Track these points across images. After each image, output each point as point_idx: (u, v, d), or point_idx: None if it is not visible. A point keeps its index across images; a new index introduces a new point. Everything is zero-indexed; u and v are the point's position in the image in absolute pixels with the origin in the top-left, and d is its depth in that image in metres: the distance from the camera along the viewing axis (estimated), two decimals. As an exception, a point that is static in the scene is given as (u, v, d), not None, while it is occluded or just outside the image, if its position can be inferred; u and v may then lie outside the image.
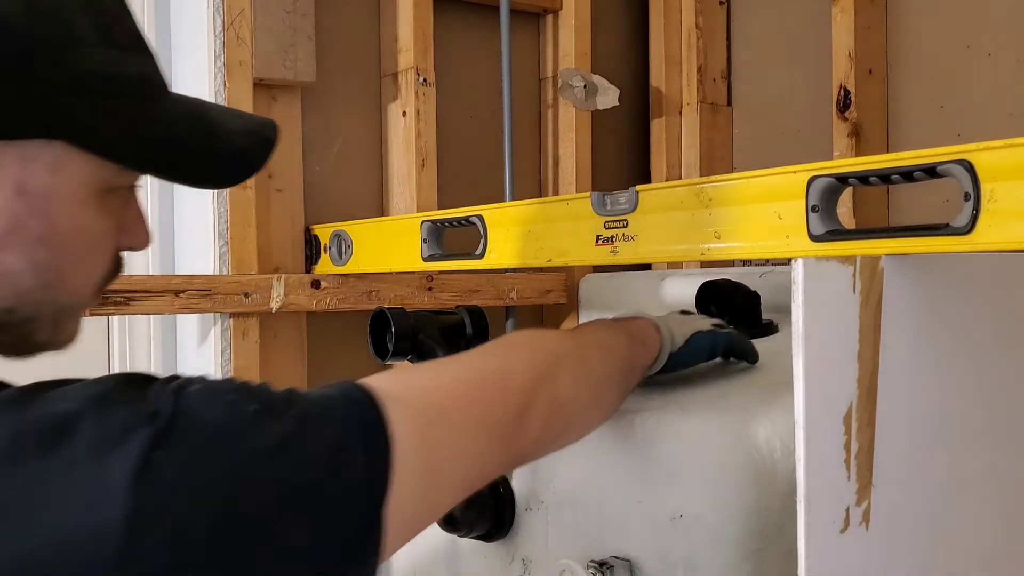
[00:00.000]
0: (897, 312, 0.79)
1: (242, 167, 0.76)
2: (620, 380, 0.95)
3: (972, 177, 0.71)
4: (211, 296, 1.51)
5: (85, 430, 0.56)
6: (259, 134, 0.77)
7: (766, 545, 0.92)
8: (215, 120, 0.74)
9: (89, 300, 0.73)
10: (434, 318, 1.14)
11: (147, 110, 0.68)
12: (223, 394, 0.61)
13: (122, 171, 0.69)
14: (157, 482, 0.55)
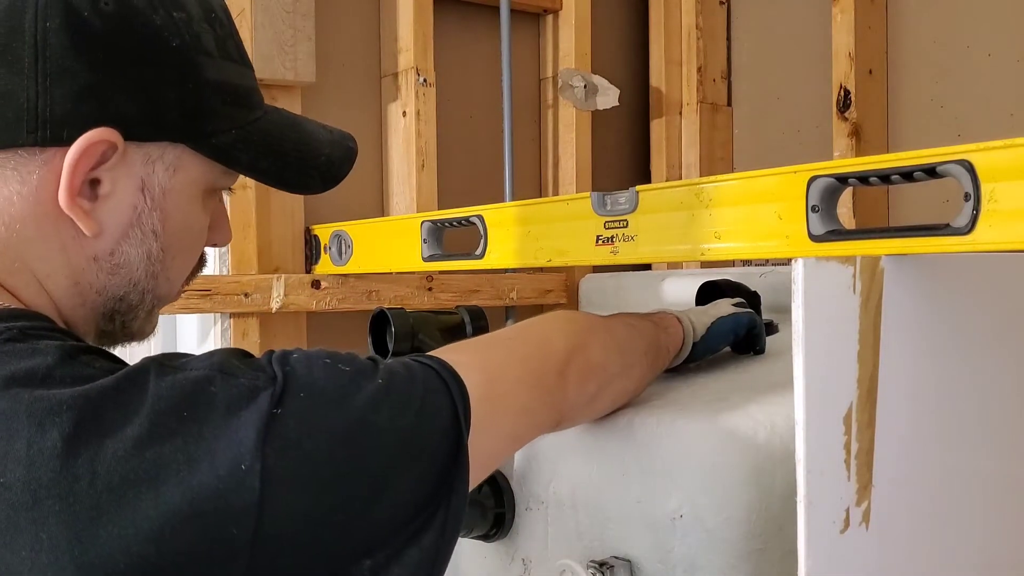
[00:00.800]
0: (897, 312, 0.79)
1: (331, 175, 0.82)
2: (647, 355, 1.00)
3: (972, 177, 0.71)
4: (211, 296, 1.51)
5: (219, 393, 0.61)
6: (344, 144, 0.84)
7: (766, 545, 0.92)
8: (308, 130, 0.81)
9: (178, 292, 0.79)
10: (434, 318, 1.14)
11: (251, 117, 0.75)
12: (320, 359, 0.67)
13: (226, 173, 0.75)
14: (282, 436, 0.61)
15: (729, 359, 1.23)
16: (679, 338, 1.06)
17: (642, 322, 1.03)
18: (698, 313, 1.11)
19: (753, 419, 0.97)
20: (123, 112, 0.66)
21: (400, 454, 0.67)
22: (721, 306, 1.14)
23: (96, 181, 0.67)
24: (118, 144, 0.66)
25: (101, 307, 0.72)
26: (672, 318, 1.07)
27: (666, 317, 1.07)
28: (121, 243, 0.70)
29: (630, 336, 0.99)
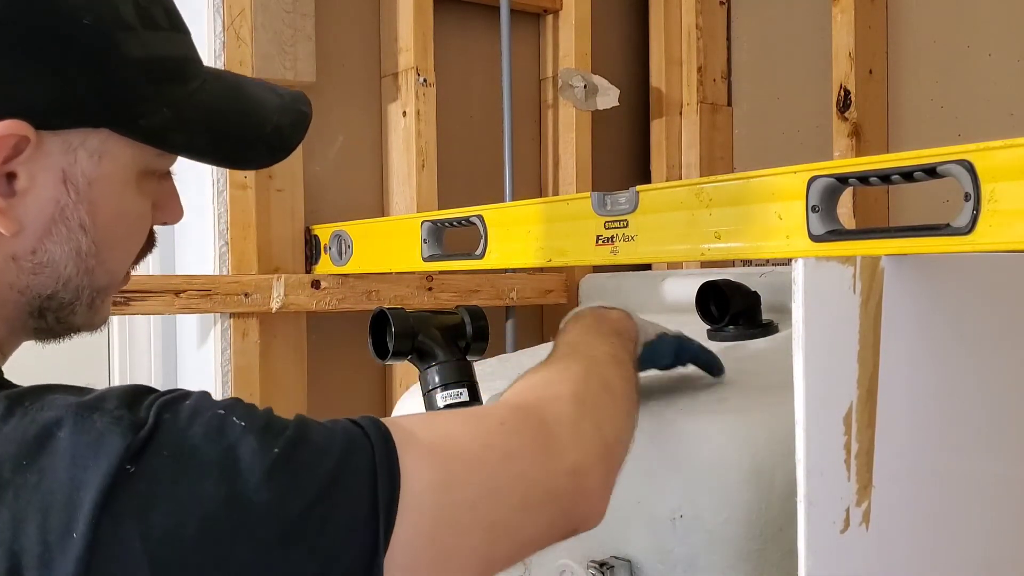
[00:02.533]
0: (897, 312, 0.79)
1: (280, 145, 0.75)
2: (634, 391, 0.88)
3: (972, 177, 0.71)
4: (211, 296, 1.51)
5: (64, 440, 0.54)
6: (295, 109, 0.76)
7: (766, 545, 0.92)
8: (252, 97, 0.73)
9: (124, 280, 0.72)
10: (434, 318, 1.13)
11: (187, 92, 0.67)
12: (212, 409, 0.58)
13: (161, 154, 0.68)
14: (127, 503, 0.52)
15: (728, 359, 1.23)
16: (634, 342, 0.95)
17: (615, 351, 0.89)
18: (645, 322, 1.01)
19: (753, 419, 0.97)
20: (32, 101, 0.60)
21: (280, 549, 0.55)
22: (666, 328, 1.04)
23: (12, 175, 0.61)
24: (30, 136, 0.60)
25: (26, 306, 0.67)
26: (627, 319, 0.96)
27: (622, 319, 0.96)
28: (44, 240, 0.64)
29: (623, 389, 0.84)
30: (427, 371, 1.11)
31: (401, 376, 1.76)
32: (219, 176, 1.56)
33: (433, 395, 1.11)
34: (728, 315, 1.32)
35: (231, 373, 1.56)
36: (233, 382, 1.56)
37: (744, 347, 1.28)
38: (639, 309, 1.18)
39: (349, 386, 1.77)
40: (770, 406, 0.99)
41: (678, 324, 1.49)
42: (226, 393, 1.56)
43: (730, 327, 1.32)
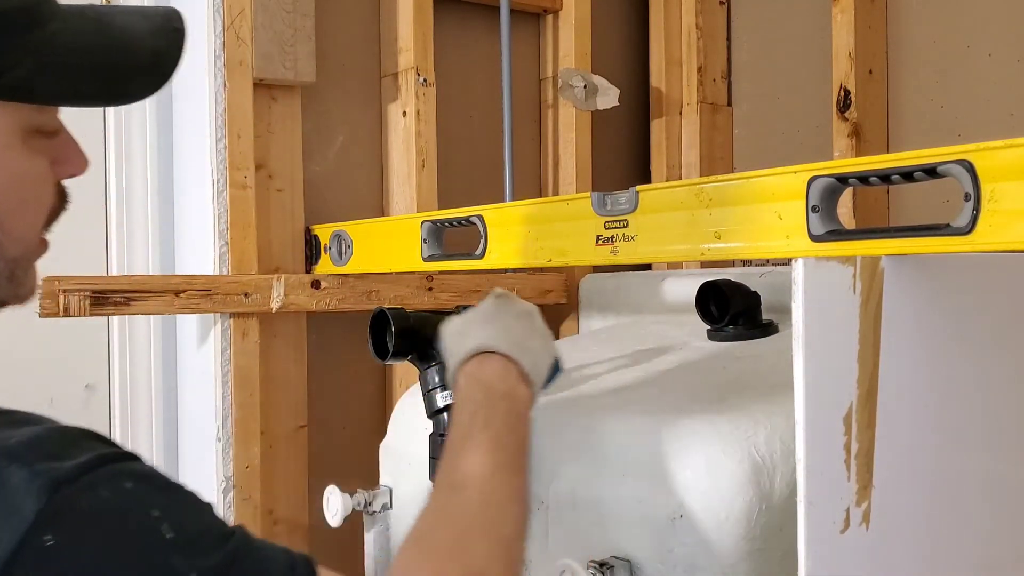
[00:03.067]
0: (897, 312, 0.79)
1: (160, 72, 0.70)
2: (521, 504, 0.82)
3: (972, 177, 0.71)
4: (211, 296, 1.51)
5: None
6: (168, 28, 0.71)
7: (766, 545, 0.92)
8: (118, 26, 0.69)
9: (39, 246, 0.69)
10: (434, 318, 1.14)
11: (46, 36, 0.63)
12: (147, 505, 0.55)
13: (40, 109, 0.65)
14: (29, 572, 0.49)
15: (728, 359, 1.23)
16: (529, 404, 0.90)
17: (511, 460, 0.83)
18: (540, 349, 0.95)
19: (753, 419, 0.97)
20: None
21: None
22: (548, 338, 0.98)
23: None
24: None
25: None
26: (523, 391, 0.89)
27: (516, 393, 0.88)
28: None
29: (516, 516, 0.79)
30: (427, 371, 1.11)
31: (401, 376, 1.76)
32: (219, 176, 1.56)
33: (433, 395, 1.11)
34: (728, 315, 1.32)
35: (231, 373, 1.56)
36: (233, 382, 1.56)
37: (744, 347, 1.28)
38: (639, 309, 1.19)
39: (349, 386, 1.77)
40: (770, 406, 0.99)
41: (678, 324, 1.49)
42: (227, 393, 1.56)
43: (730, 327, 1.32)
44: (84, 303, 1.39)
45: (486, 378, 0.89)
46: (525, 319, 0.97)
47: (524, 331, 0.94)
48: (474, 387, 0.89)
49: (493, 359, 0.90)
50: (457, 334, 0.95)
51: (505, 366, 0.89)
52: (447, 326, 0.97)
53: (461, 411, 0.87)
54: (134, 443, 1.71)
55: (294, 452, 1.66)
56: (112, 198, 1.70)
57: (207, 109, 1.56)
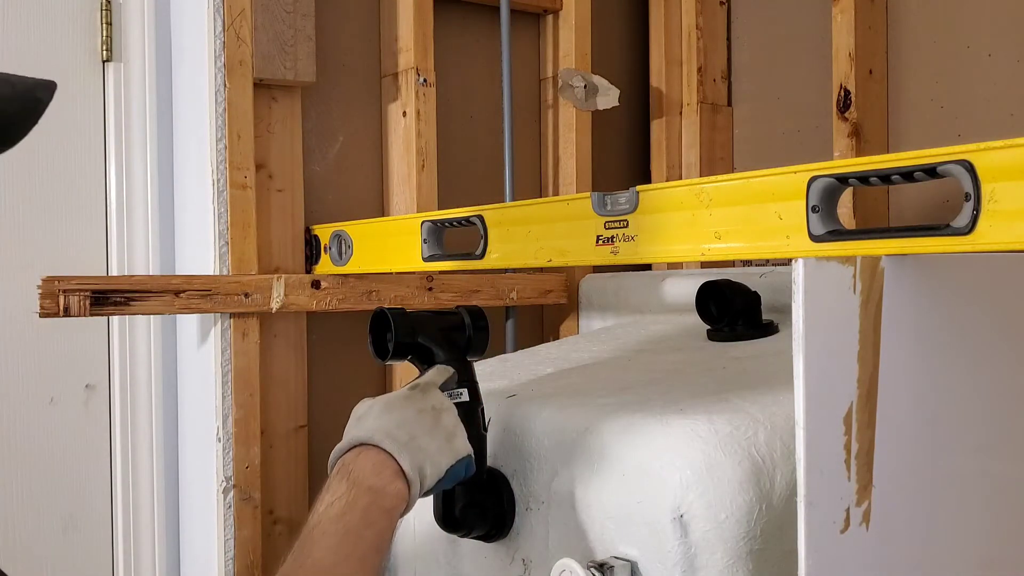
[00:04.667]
0: (897, 312, 0.79)
1: (3, 138, 0.71)
2: None
3: (972, 177, 0.71)
4: (211, 296, 1.51)
5: None
6: (27, 97, 0.71)
7: (766, 545, 0.92)
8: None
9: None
10: (434, 318, 1.14)
11: None
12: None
13: None
14: None
15: (728, 359, 1.23)
16: (402, 506, 0.92)
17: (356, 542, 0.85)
18: (440, 447, 0.97)
19: (753, 419, 0.97)
20: None
21: None
22: (459, 429, 1.00)
23: None
24: None
25: None
26: (397, 494, 0.91)
27: (381, 494, 0.90)
28: None
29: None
30: (427, 371, 1.11)
31: (401, 376, 1.76)
32: (219, 176, 1.57)
33: (433, 395, 1.11)
34: (728, 315, 1.32)
35: (231, 373, 1.56)
36: (233, 382, 1.56)
37: (744, 347, 1.28)
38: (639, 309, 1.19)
39: (349, 386, 1.77)
40: (770, 406, 0.99)
41: (678, 324, 1.49)
42: (227, 393, 1.56)
43: (730, 327, 1.32)
44: (84, 303, 1.39)
45: (357, 470, 0.91)
46: (429, 416, 0.98)
47: (422, 428, 0.96)
48: (341, 478, 0.90)
49: (371, 452, 0.92)
50: (355, 419, 0.98)
51: (382, 462, 0.91)
52: (355, 408, 1.00)
53: (320, 501, 0.89)
54: (134, 443, 1.71)
55: (294, 452, 1.66)
56: (112, 198, 1.70)
57: (207, 109, 1.56)
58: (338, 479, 0.90)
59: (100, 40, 1.68)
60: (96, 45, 1.68)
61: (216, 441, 1.56)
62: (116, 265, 1.70)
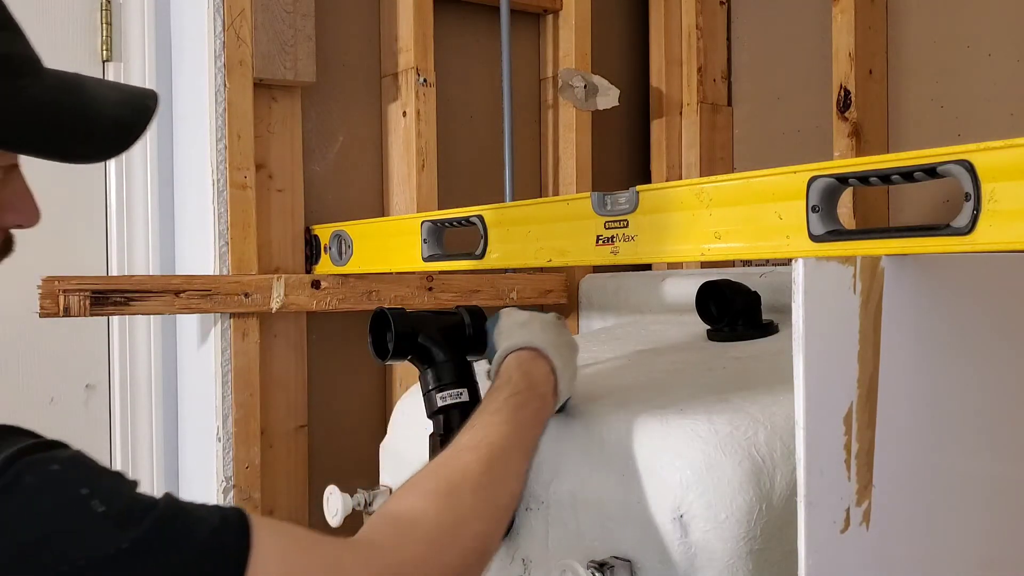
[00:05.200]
0: (897, 312, 0.79)
1: (119, 139, 0.74)
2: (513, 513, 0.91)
3: (972, 177, 0.71)
4: (211, 296, 1.51)
5: None
6: (139, 104, 0.75)
7: (766, 545, 0.92)
8: (90, 93, 0.73)
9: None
10: (434, 318, 1.14)
11: (16, 88, 0.67)
12: (74, 484, 0.58)
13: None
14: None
15: (728, 359, 1.23)
16: (550, 410, 0.98)
17: (518, 454, 0.90)
18: (572, 363, 1.03)
19: (753, 419, 0.97)
20: None
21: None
22: None
23: None
24: None
25: None
26: (549, 395, 0.97)
27: (543, 395, 0.96)
28: None
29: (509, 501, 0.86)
30: (427, 371, 1.11)
31: (401, 376, 1.76)
32: (219, 176, 1.57)
33: (433, 395, 1.11)
34: (728, 315, 1.32)
35: (231, 373, 1.56)
36: (233, 382, 1.56)
37: (744, 347, 1.28)
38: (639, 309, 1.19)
39: (349, 386, 1.77)
40: (770, 406, 0.99)
41: (678, 324, 1.49)
42: (227, 393, 1.56)
43: (730, 327, 1.32)
44: (84, 303, 1.39)
45: (534, 374, 0.97)
46: (572, 349, 1.04)
47: (568, 358, 1.02)
48: (522, 374, 0.97)
49: (542, 361, 0.99)
50: (517, 324, 1.03)
51: (549, 373, 0.98)
52: (508, 313, 1.06)
53: (502, 388, 0.95)
54: (134, 443, 1.71)
55: (294, 452, 1.66)
56: (112, 198, 1.70)
57: (207, 109, 1.56)
58: (519, 374, 0.97)
59: (100, 40, 1.68)
60: (96, 45, 1.68)
61: (216, 441, 1.56)
62: (116, 265, 1.70)
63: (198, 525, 0.61)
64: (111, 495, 0.59)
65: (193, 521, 0.62)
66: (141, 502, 0.60)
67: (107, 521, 0.57)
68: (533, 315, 1.06)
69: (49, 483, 0.57)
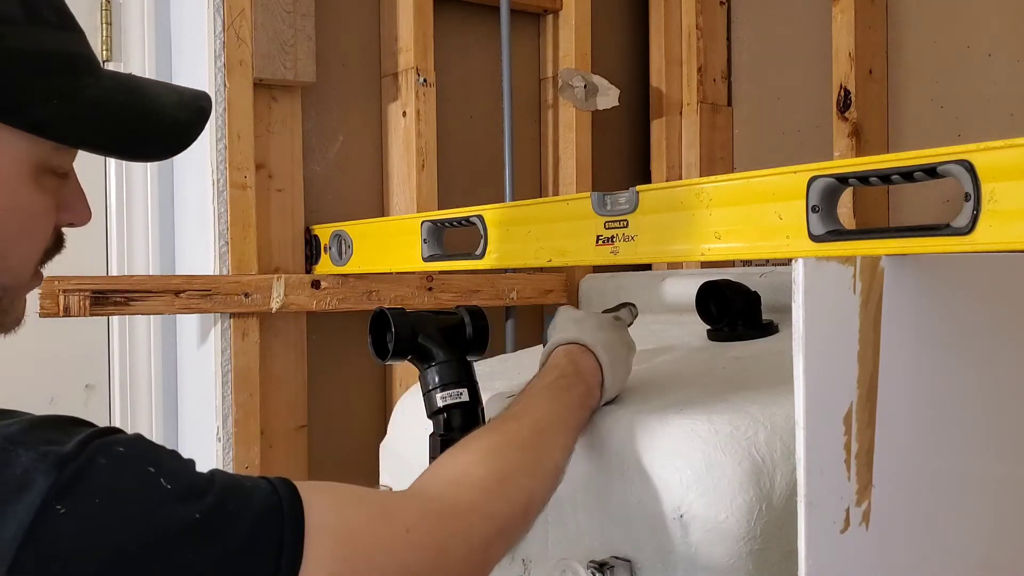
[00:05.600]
0: (897, 312, 0.79)
1: (177, 139, 0.76)
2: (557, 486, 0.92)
3: (972, 177, 0.71)
4: (211, 296, 1.51)
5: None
6: (195, 105, 0.77)
7: (766, 545, 0.92)
8: (148, 93, 0.75)
9: (30, 280, 0.73)
10: (434, 318, 1.13)
11: (78, 86, 0.69)
12: (141, 463, 0.61)
13: (57, 148, 0.69)
14: (52, 542, 0.55)
15: (728, 359, 1.23)
16: (595, 404, 1.02)
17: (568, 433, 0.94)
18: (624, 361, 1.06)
19: (753, 419, 0.97)
20: None
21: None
22: None
23: None
24: None
25: None
26: (596, 388, 1.01)
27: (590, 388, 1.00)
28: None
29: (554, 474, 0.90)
30: (427, 371, 1.11)
31: (401, 376, 1.76)
32: (219, 176, 1.57)
33: (433, 395, 1.11)
34: (728, 315, 1.32)
35: (231, 373, 1.56)
36: (233, 382, 1.56)
37: (744, 347, 1.28)
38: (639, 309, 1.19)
39: (349, 386, 1.77)
40: (770, 406, 0.99)
41: (678, 324, 1.49)
42: (227, 393, 1.56)
43: (730, 327, 1.32)
44: (84, 303, 1.39)
45: (582, 364, 1.01)
46: (624, 349, 1.07)
47: (619, 357, 1.05)
48: (569, 362, 1.00)
49: (590, 356, 1.02)
50: (572, 321, 1.07)
51: (596, 368, 1.02)
52: (566, 310, 1.10)
53: (549, 371, 1.00)
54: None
55: (294, 452, 1.66)
56: (112, 198, 1.70)
57: (207, 109, 1.56)
58: (567, 361, 1.01)
59: (100, 40, 1.68)
60: (96, 45, 1.68)
61: (216, 441, 1.56)
62: (116, 265, 1.70)
63: (255, 492, 0.64)
64: (174, 473, 0.62)
65: (249, 489, 0.64)
66: (201, 477, 0.63)
67: (174, 497, 0.60)
68: (590, 314, 1.10)
69: (119, 464, 0.59)
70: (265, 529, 0.62)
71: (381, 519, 0.71)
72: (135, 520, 0.58)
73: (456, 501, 0.77)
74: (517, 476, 0.84)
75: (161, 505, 0.59)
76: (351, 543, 0.67)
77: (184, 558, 0.59)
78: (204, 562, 0.59)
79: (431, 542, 0.73)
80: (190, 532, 0.59)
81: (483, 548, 0.77)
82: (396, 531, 0.71)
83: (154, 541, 0.58)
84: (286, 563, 0.62)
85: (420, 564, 0.71)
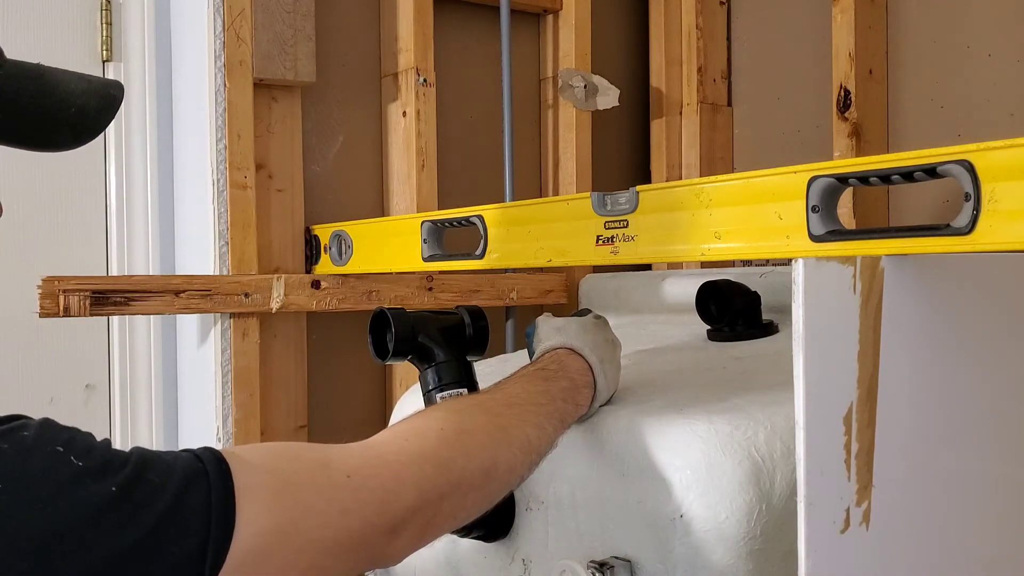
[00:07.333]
0: (897, 312, 0.79)
1: (85, 127, 0.75)
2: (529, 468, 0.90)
3: (972, 177, 0.71)
4: (211, 296, 1.51)
5: None
6: (103, 93, 0.76)
7: (766, 545, 0.92)
8: (54, 82, 0.74)
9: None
10: (434, 318, 1.14)
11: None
12: (49, 444, 0.59)
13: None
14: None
15: (728, 359, 1.23)
16: (585, 407, 1.01)
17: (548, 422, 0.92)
18: (613, 363, 1.05)
19: (753, 419, 0.97)
20: None
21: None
22: None
23: None
24: None
25: None
26: (587, 389, 1.00)
27: (579, 388, 0.99)
28: None
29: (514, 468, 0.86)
30: (427, 371, 1.11)
31: (401, 376, 1.76)
32: (219, 176, 1.57)
33: (433, 395, 1.11)
34: (728, 315, 1.32)
35: (231, 373, 1.56)
36: (233, 382, 1.56)
37: (744, 347, 1.28)
38: (639, 309, 1.19)
39: (349, 386, 1.77)
40: (770, 406, 0.99)
41: (678, 324, 1.49)
42: (227, 393, 1.56)
43: (730, 327, 1.32)
44: (84, 303, 1.39)
45: (568, 364, 1.00)
46: (611, 346, 1.07)
47: (608, 355, 1.05)
48: (552, 361, 1.00)
49: (577, 358, 1.02)
50: (554, 329, 1.06)
51: (585, 369, 1.01)
52: (545, 320, 1.09)
53: (529, 365, 0.99)
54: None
55: (294, 452, 1.65)
56: (112, 198, 1.70)
57: (207, 109, 1.56)
58: (550, 359, 1.01)
59: (100, 40, 1.68)
60: (96, 45, 1.68)
61: (216, 441, 1.56)
62: (116, 265, 1.70)
63: (177, 462, 0.63)
64: (86, 450, 0.60)
65: (170, 461, 0.63)
66: (118, 453, 0.62)
67: (87, 473, 0.59)
68: (570, 319, 1.09)
69: (24, 447, 0.59)
70: (190, 494, 0.61)
71: (319, 468, 0.70)
72: (46, 501, 0.56)
73: (405, 448, 0.76)
74: (478, 434, 0.82)
75: (73, 483, 0.58)
76: (288, 495, 0.66)
77: (107, 531, 0.57)
78: (129, 533, 0.58)
79: (375, 485, 0.71)
80: (110, 506, 0.58)
81: (436, 498, 0.76)
82: (335, 478, 0.70)
83: (72, 518, 0.57)
84: (216, 525, 0.61)
85: (364, 508, 0.70)
